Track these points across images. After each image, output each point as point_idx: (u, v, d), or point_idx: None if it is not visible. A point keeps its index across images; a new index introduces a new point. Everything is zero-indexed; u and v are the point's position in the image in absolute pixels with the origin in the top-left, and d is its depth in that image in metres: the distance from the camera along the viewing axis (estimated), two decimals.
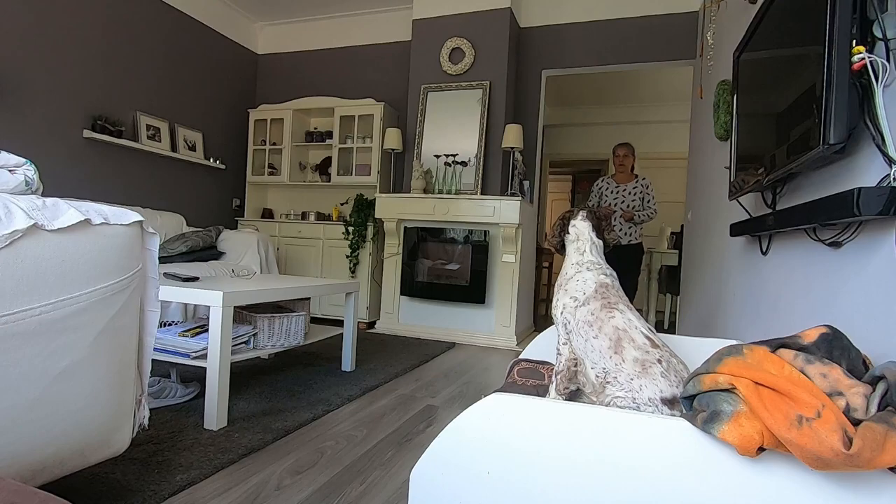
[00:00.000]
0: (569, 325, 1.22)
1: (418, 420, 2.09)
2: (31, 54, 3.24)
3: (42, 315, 1.02)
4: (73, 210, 1.09)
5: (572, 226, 1.39)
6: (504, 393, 0.85)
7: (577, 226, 1.38)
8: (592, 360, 1.15)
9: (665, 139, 6.27)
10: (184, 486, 1.41)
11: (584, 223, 1.38)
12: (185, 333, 2.06)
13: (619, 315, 1.15)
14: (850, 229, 1.09)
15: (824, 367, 0.75)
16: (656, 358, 1.07)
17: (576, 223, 1.38)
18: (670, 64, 3.93)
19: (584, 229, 1.37)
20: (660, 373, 1.05)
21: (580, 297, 1.23)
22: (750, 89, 1.72)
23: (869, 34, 0.97)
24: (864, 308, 1.02)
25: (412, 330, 4.02)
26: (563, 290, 1.28)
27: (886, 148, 0.92)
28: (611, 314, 1.16)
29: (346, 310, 2.74)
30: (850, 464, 0.62)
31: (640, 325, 1.14)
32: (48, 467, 1.12)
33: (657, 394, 1.03)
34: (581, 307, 1.21)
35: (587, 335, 1.16)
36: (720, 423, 0.72)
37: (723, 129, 2.47)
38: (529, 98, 4.27)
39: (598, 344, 1.14)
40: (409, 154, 4.24)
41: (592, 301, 1.20)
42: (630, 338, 1.11)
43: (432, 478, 0.86)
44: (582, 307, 1.21)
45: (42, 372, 1.05)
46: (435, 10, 4.19)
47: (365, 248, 4.34)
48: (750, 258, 1.90)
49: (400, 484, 1.51)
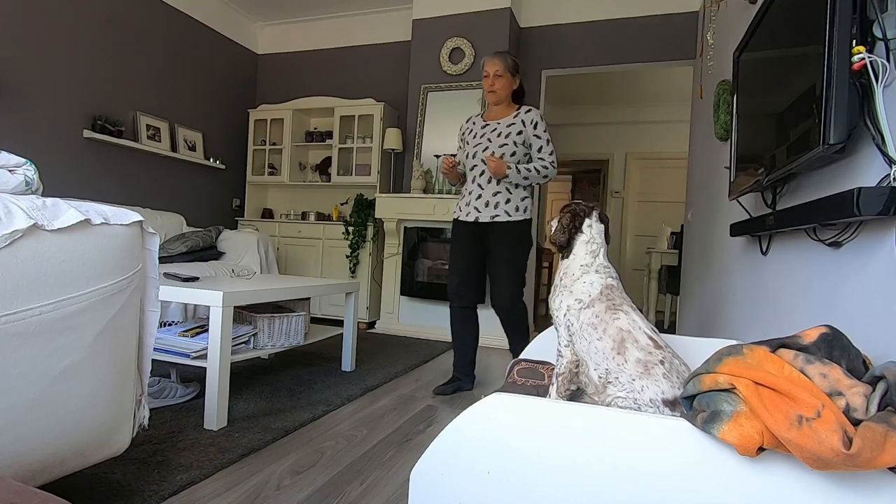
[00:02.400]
0: (572, 328, 1.21)
1: (418, 420, 2.09)
2: (32, 54, 3.24)
3: (42, 315, 1.02)
4: (73, 210, 1.09)
5: (588, 225, 1.32)
6: (504, 393, 0.85)
7: (594, 227, 1.32)
8: (595, 361, 1.15)
9: (665, 139, 6.27)
10: (184, 486, 1.41)
11: (599, 225, 1.33)
12: (185, 333, 2.06)
13: (624, 316, 1.14)
14: (850, 229, 1.09)
15: (824, 367, 0.75)
16: (659, 359, 1.07)
17: (592, 223, 1.32)
18: (670, 64, 3.93)
19: (599, 231, 1.32)
20: (662, 374, 1.05)
21: (585, 299, 1.21)
22: (750, 89, 1.72)
23: (869, 34, 0.97)
24: (864, 308, 1.02)
25: (412, 330, 4.02)
26: (568, 292, 1.25)
27: (886, 148, 0.92)
28: (615, 316, 1.15)
29: (346, 310, 2.74)
30: (850, 464, 0.62)
31: (644, 326, 1.13)
32: (48, 467, 1.12)
33: (659, 395, 1.03)
34: (585, 309, 1.19)
35: (591, 338, 1.15)
36: (720, 423, 0.72)
37: (723, 129, 2.47)
38: (529, 98, 4.25)
39: (602, 346, 1.13)
40: (409, 154, 4.24)
41: (597, 303, 1.19)
42: (634, 338, 1.10)
43: (432, 478, 0.86)
44: (586, 309, 1.19)
45: (42, 372, 1.05)
46: (435, 10, 4.19)
47: (365, 248, 4.34)
48: (750, 258, 1.90)
49: (400, 484, 1.51)
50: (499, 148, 2.39)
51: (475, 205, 2.43)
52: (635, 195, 6.52)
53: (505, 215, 2.38)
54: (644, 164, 6.49)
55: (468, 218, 2.45)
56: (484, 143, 2.43)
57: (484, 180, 2.42)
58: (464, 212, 2.48)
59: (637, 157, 6.50)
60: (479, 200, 2.42)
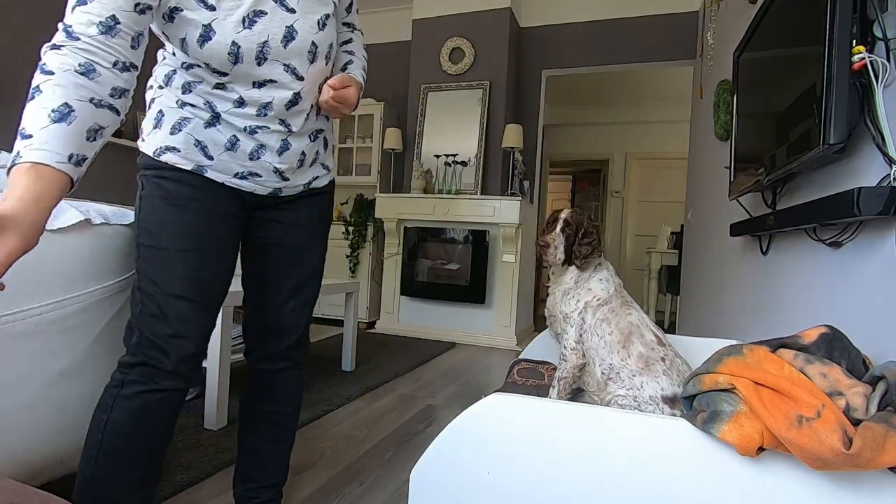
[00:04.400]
0: (584, 325, 1.23)
1: (418, 420, 2.09)
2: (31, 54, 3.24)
3: (42, 315, 1.02)
4: (73, 210, 1.09)
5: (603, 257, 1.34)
6: (504, 393, 0.85)
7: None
8: (601, 356, 1.17)
9: (665, 139, 6.27)
10: (184, 486, 1.41)
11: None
12: None
13: (636, 312, 1.20)
14: (850, 229, 1.09)
15: (824, 366, 0.75)
16: (660, 356, 1.09)
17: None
18: (670, 64, 3.93)
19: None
20: (662, 370, 1.06)
21: (603, 295, 1.25)
22: (750, 89, 1.72)
23: (869, 34, 0.97)
24: (864, 308, 1.02)
25: (412, 330, 4.02)
26: (587, 289, 1.27)
27: (886, 148, 0.92)
28: (628, 311, 1.20)
29: (346, 310, 2.74)
30: (850, 464, 0.62)
31: (650, 324, 1.19)
32: (48, 467, 1.12)
33: (658, 391, 1.03)
34: (602, 306, 1.23)
35: (602, 332, 1.19)
36: (720, 423, 0.72)
37: (723, 129, 2.47)
38: (529, 98, 4.27)
39: (611, 339, 1.17)
40: (409, 154, 4.24)
41: (614, 299, 1.24)
42: (640, 333, 1.14)
43: (432, 478, 0.86)
44: (603, 306, 1.23)
45: (42, 372, 1.05)
46: (435, 9, 4.19)
47: (365, 248, 4.34)
48: (750, 258, 1.89)
49: (400, 484, 1.51)
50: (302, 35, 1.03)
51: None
52: (635, 195, 6.52)
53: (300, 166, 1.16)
54: (644, 164, 6.48)
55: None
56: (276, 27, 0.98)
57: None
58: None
59: (637, 157, 6.50)
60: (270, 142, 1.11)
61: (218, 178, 1.02)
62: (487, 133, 3.97)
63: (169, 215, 0.98)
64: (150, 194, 1.00)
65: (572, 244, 1.29)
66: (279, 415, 1.22)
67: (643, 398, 1.04)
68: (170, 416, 1.01)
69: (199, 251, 1.00)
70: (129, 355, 0.98)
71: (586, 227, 1.31)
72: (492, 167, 4.01)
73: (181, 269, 0.98)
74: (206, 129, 1.00)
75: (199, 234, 1.00)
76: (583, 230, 1.30)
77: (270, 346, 1.17)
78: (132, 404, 0.95)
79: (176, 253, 0.97)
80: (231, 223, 1.06)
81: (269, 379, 1.19)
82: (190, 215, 0.99)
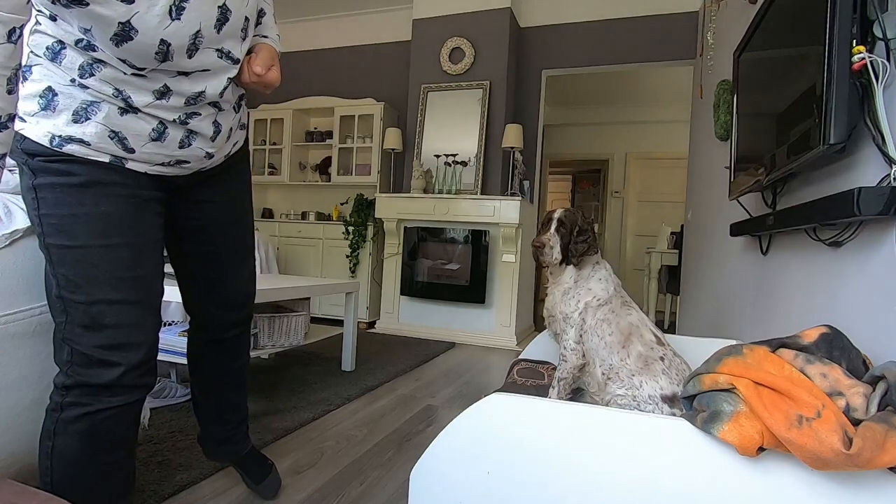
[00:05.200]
0: (585, 325, 1.23)
1: (418, 420, 2.09)
2: None
3: (42, 315, 1.02)
4: None
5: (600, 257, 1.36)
6: (504, 393, 0.85)
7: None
8: (602, 356, 1.17)
9: (665, 139, 6.27)
10: (184, 486, 1.41)
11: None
12: (185, 333, 2.06)
13: (636, 312, 1.21)
14: (850, 229, 1.09)
15: (824, 367, 0.75)
16: (659, 355, 1.09)
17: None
18: (670, 64, 3.93)
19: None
20: (661, 370, 1.06)
21: (604, 296, 1.25)
22: (750, 89, 1.72)
23: (869, 34, 0.97)
24: (864, 308, 1.02)
25: (412, 330, 4.02)
26: (587, 289, 1.27)
27: (886, 148, 0.92)
28: (628, 311, 1.21)
29: (346, 310, 2.74)
30: (850, 464, 0.62)
31: (649, 323, 1.19)
32: None
33: (657, 391, 1.04)
34: (602, 306, 1.24)
35: (602, 333, 1.19)
36: (720, 423, 0.72)
37: (723, 129, 2.47)
38: (529, 98, 4.27)
39: (611, 340, 1.17)
40: (409, 154, 4.24)
41: (614, 300, 1.25)
42: (640, 333, 1.15)
43: (432, 478, 0.86)
44: (603, 306, 1.23)
45: (42, 372, 1.05)
46: (435, 9, 4.19)
47: (365, 247, 4.35)
48: (750, 258, 1.89)
49: (400, 484, 1.51)
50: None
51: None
52: (635, 195, 6.52)
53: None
54: (644, 164, 6.49)
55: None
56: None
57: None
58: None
59: (637, 157, 6.50)
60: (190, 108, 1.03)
61: (140, 169, 0.87)
62: (487, 133, 3.97)
63: (80, 206, 0.81)
64: (49, 183, 0.81)
65: (568, 243, 1.30)
66: (241, 364, 1.27)
67: (642, 397, 1.04)
68: (126, 429, 0.89)
69: (131, 245, 0.85)
70: (62, 375, 0.84)
71: (581, 224, 1.31)
72: (492, 167, 4.01)
73: (110, 268, 0.82)
74: (123, 117, 0.81)
75: (124, 224, 0.84)
76: (577, 228, 1.30)
77: (228, 317, 1.16)
78: (77, 427, 0.83)
79: (98, 250, 0.81)
80: (155, 208, 0.92)
81: (226, 344, 1.21)
82: (109, 203, 0.82)
